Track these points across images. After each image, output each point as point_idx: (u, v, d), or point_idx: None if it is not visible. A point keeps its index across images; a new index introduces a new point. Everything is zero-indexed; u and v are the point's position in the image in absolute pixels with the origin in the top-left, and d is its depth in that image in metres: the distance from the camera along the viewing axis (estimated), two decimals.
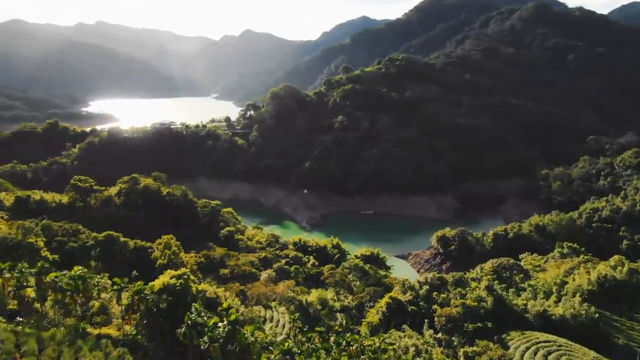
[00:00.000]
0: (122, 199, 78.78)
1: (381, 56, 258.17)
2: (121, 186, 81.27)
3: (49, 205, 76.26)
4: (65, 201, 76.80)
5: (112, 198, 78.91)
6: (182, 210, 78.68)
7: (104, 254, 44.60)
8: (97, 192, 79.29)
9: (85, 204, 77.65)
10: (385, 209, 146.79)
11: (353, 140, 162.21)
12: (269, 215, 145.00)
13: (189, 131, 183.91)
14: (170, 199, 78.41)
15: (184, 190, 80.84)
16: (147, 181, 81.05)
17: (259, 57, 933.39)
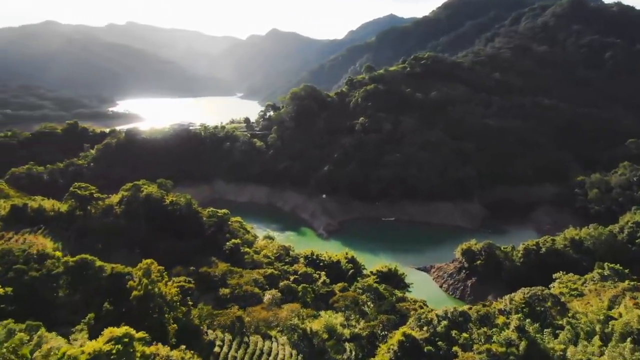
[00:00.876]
0: (123, 208, 74.27)
1: (407, 55, 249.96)
2: (123, 194, 76.93)
3: (47, 214, 72.34)
4: (64, 210, 72.72)
5: (112, 207, 74.51)
6: (185, 220, 73.75)
7: (76, 280, 39.45)
8: (98, 200, 75.03)
9: (86, 212, 73.41)
10: (407, 215, 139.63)
11: (374, 143, 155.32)
12: (285, 221, 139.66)
13: (207, 132, 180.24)
14: (172, 208, 73.45)
15: (187, 199, 75.84)
16: (150, 189, 76.43)
17: (285, 57, 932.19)
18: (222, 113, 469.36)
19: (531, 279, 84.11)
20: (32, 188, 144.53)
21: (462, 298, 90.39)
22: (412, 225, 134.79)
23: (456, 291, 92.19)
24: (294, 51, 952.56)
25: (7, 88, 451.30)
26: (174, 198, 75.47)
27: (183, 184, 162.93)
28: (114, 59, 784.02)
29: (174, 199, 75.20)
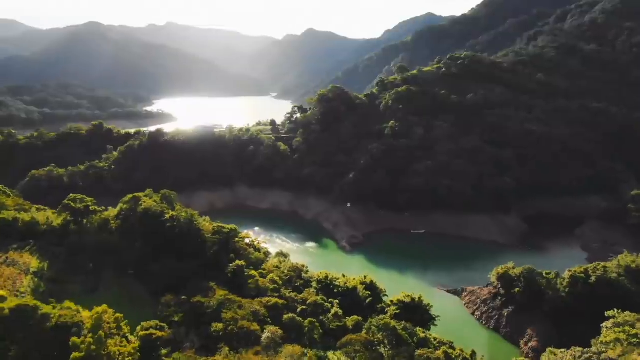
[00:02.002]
0: (119, 224, 68.00)
1: (444, 54, 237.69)
2: (122, 206, 70.69)
3: (39, 229, 66.90)
4: (57, 224, 67.07)
5: (109, 221, 68.36)
6: (185, 238, 66.73)
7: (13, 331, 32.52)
8: (94, 213, 69.05)
9: (81, 227, 67.55)
10: (438, 228, 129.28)
11: (404, 149, 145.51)
12: (306, 231, 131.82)
13: (231, 135, 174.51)
14: (171, 224, 66.58)
15: (188, 215, 68.86)
16: (149, 202, 69.94)
17: (320, 56, 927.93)
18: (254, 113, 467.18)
19: (578, 313, 73.68)
20: (51, 191, 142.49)
21: (496, 329, 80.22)
22: (443, 239, 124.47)
23: (490, 321, 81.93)
24: (329, 51, 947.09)
25: (47, 87, 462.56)
26: (174, 213, 68.55)
27: (204, 188, 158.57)
28: (152, 59, 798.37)
29: (174, 214, 68.27)
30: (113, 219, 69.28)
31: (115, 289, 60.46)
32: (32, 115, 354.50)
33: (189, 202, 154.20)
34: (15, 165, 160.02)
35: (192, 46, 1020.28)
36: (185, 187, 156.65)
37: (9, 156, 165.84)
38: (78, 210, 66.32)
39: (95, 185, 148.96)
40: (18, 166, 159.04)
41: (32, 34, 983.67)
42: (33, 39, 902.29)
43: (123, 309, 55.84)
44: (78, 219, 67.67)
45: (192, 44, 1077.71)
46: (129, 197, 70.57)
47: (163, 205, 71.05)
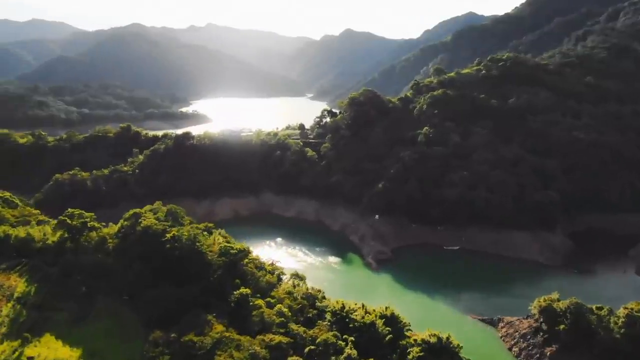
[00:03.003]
0: (117, 243, 62.59)
1: (485, 55, 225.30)
2: (123, 223, 65.33)
3: (34, 245, 62.44)
4: (52, 241, 62.30)
5: (106, 240, 63.07)
6: (186, 261, 60.59)
7: None
8: (93, 230, 63.97)
9: (78, 245, 62.57)
10: (474, 245, 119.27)
11: (439, 157, 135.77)
12: (331, 244, 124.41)
13: (258, 139, 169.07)
14: (170, 246, 60.58)
15: (191, 235, 62.69)
16: (150, 220, 64.24)
17: (358, 57, 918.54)
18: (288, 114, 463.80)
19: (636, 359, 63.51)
20: (74, 195, 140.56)
21: None
22: (479, 258, 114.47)
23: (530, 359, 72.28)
24: (367, 51, 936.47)
25: (89, 87, 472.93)
26: (176, 232, 62.52)
27: (228, 194, 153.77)
28: (192, 60, 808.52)
29: (176, 233, 62.24)
30: (112, 237, 63.92)
31: (106, 318, 54.91)
32: (71, 116, 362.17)
33: (212, 209, 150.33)
34: (43, 168, 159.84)
35: (230, 47, 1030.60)
36: (209, 193, 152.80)
37: (38, 158, 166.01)
38: (74, 227, 61.16)
39: (118, 190, 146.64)
40: (46, 168, 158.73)
41: (78, 36, 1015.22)
42: (79, 40, 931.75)
43: (110, 343, 50.14)
44: (75, 237, 62.46)
45: (231, 44, 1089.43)
46: (130, 213, 65.24)
47: (166, 223, 65.13)
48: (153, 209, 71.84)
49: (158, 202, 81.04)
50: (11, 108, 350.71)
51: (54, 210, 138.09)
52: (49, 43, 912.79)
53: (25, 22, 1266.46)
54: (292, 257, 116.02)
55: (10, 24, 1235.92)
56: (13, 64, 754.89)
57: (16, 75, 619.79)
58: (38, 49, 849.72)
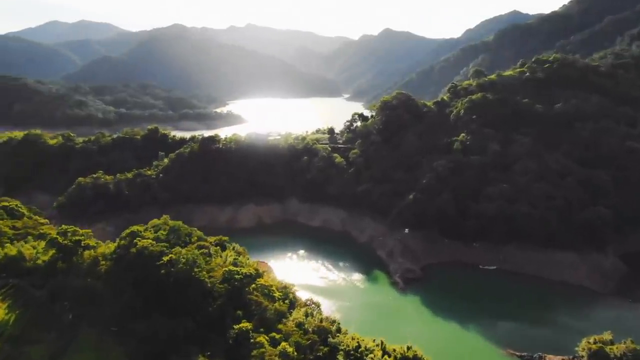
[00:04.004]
0: (109, 266, 57.05)
1: (529, 56, 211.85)
2: (120, 242, 59.81)
3: (24, 265, 57.73)
4: (42, 261, 57.38)
5: (99, 261, 57.68)
6: (182, 289, 54.36)
7: None
8: (87, 249, 58.75)
9: (71, 265, 57.48)
10: (513, 265, 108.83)
11: (476, 167, 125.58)
12: (357, 258, 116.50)
13: (286, 144, 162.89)
14: (165, 271, 54.48)
15: (190, 259, 56.39)
16: (146, 241, 58.34)
17: (396, 57, 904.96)
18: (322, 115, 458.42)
19: None
20: (96, 200, 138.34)
21: None
22: (519, 280, 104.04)
23: None
24: (405, 51, 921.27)
25: (128, 87, 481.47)
26: (174, 255, 56.42)
27: (253, 200, 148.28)
28: (230, 60, 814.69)
29: (174, 256, 56.13)
30: (106, 258, 58.44)
31: (88, 352, 49.28)
32: (108, 115, 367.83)
33: (235, 216, 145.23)
34: (71, 170, 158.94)
35: (269, 47, 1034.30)
36: (233, 198, 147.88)
37: (66, 160, 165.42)
38: (65, 246, 56.00)
39: (141, 195, 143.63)
40: (72, 171, 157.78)
41: (122, 36, 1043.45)
42: (123, 40, 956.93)
43: None
44: (67, 257, 57.35)
45: (269, 44, 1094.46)
46: (128, 231, 59.51)
47: (164, 244, 59.07)
48: (156, 225, 66.36)
49: (165, 217, 75.79)
50: (52, 107, 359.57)
51: (75, 214, 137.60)
52: (94, 44, 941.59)
53: (74, 24, 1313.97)
54: (313, 272, 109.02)
55: (60, 26, 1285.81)
56: (60, 64, 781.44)
57: (62, 75, 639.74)
58: (84, 50, 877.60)
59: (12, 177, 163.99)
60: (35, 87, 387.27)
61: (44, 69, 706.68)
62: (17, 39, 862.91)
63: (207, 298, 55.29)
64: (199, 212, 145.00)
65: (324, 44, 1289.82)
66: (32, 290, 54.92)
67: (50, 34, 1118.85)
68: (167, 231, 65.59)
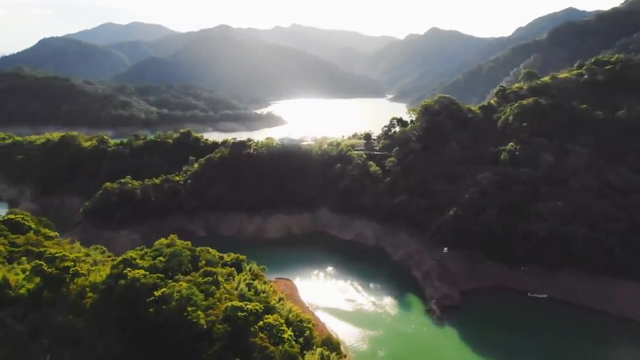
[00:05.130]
0: (96, 299, 50.48)
1: (587, 56, 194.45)
2: (111, 271, 53.26)
3: (8, 294, 52.08)
4: (26, 291, 51.55)
5: (86, 293, 51.27)
6: (172, 332, 46.98)
7: None
8: (77, 277, 52.52)
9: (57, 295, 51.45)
10: (567, 294, 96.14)
11: (526, 181, 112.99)
12: (389, 278, 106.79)
13: (319, 150, 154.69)
14: (154, 310, 47.27)
15: (184, 296, 48.89)
16: (138, 272, 51.40)
17: (442, 57, 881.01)
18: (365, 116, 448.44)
19: None
20: (122, 206, 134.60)
21: None
22: (574, 312, 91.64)
23: None
24: (452, 51, 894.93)
25: (171, 88, 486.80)
26: (167, 290, 49.22)
27: (282, 209, 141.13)
28: (274, 60, 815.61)
29: (166, 291, 48.93)
30: (95, 289, 51.97)
31: None
32: (150, 116, 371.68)
33: (264, 225, 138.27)
34: (101, 173, 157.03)
35: (313, 47, 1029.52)
36: (261, 207, 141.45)
37: (98, 163, 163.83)
38: (50, 275, 49.90)
39: (168, 201, 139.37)
40: (103, 174, 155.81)
41: (170, 37, 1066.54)
42: (170, 41, 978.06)
43: None
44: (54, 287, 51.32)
45: (314, 45, 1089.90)
46: (122, 257, 52.91)
47: (158, 276, 51.91)
48: (157, 249, 59.65)
49: (173, 236, 68.97)
50: (98, 108, 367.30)
51: (101, 220, 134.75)
52: (143, 45, 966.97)
53: (126, 25, 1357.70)
54: (340, 293, 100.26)
55: (113, 27, 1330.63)
56: (111, 64, 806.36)
57: (112, 76, 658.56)
58: (134, 50, 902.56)
59: (48, 179, 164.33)
60: (82, 87, 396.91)
61: (96, 69, 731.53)
62: (72, 40, 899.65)
63: (202, 341, 47.74)
64: (226, 221, 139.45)
65: (369, 43, 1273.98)
66: (13, 323, 49.23)
67: (104, 36, 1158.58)
68: (168, 257, 58.57)
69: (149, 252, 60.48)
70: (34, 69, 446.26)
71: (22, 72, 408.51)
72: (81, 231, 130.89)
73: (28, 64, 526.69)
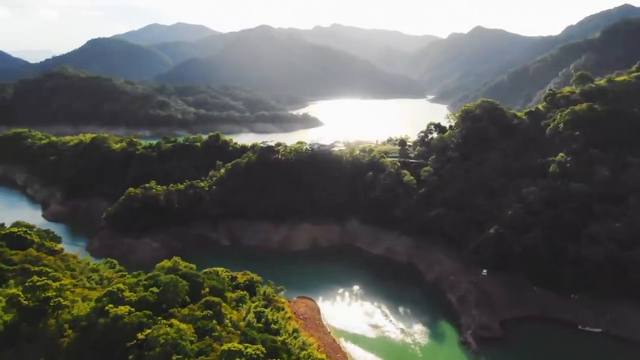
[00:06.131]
0: (73, 339, 44.34)
1: None
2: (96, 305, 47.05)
3: None
4: (2, 323, 46.13)
5: (63, 330, 45.30)
6: None
7: None
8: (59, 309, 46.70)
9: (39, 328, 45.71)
10: (624, 329, 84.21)
11: (578, 198, 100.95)
12: (421, 302, 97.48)
13: (350, 156, 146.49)
14: (135, 356, 40.61)
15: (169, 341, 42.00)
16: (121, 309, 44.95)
17: (486, 56, 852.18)
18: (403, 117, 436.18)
19: None
20: (145, 212, 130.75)
21: None
22: (633, 349, 79.90)
23: None
24: (497, 50, 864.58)
25: (210, 88, 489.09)
26: (152, 331, 42.57)
27: (309, 219, 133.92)
28: (313, 60, 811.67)
29: (152, 333, 42.27)
30: (75, 325, 45.91)
31: None
32: (187, 116, 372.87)
33: (290, 236, 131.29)
34: (128, 176, 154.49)
35: (354, 47, 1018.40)
36: (288, 216, 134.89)
37: (126, 166, 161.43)
38: (27, 308, 44.19)
39: (191, 208, 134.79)
40: (130, 177, 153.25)
41: (212, 38, 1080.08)
42: (212, 42, 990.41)
43: None
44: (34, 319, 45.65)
45: (354, 45, 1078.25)
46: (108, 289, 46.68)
47: (145, 313, 45.26)
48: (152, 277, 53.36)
49: (176, 258, 62.69)
50: (137, 108, 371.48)
51: (123, 227, 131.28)
52: (186, 45, 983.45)
53: (171, 26, 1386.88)
54: (366, 318, 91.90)
55: (158, 28, 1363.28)
56: (154, 65, 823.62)
57: (154, 76, 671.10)
58: (176, 51, 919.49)
59: (77, 182, 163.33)
60: (123, 87, 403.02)
61: (140, 69, 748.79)
62: (119, 41, 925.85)
63: None
64: (251, 230, 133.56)
65: (410, 43, 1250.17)
66: None
67: (150, 36, 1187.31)
68: (162, 287, 52.06)
69: (143, 279, 54.31)
70: (77, 69, 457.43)
71: (67, 72, 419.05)
72: (103, 237, 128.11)
73: (76, 64, 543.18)
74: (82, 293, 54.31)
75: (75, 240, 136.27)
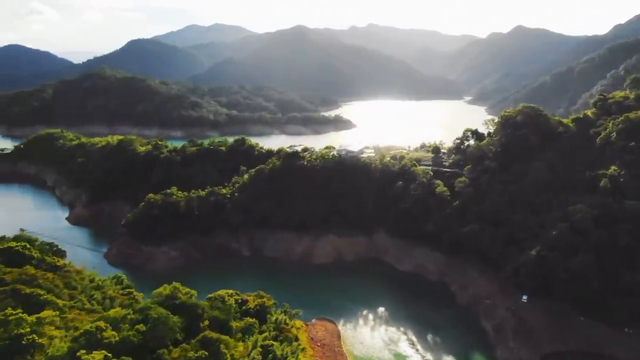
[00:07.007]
0: None
1: None
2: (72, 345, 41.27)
3: None
4: None
5: None
6: None
7: None
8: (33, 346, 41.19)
9: None
10: None
11: (633, 218, 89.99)
12: (453, 329, 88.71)
13: (380, 163, 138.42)
14: None
15: None
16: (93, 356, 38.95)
17: (527, 57, 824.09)
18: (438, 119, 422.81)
19: None
20: (164, 219, 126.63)
21: None
22: None
23: None
24: (539, 50, 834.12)
25: (243, 89, 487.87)
26: None
27: (333, 230, 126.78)
28: (349, 61, 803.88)
29: None
30: None
31: None
32: (219, 117, 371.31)
33: (313, 248, 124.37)
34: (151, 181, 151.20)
35: (390, 47, 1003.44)
36: (312, 226, 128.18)
37: (150, 169, 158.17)
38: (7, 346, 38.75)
39: (212, 215, 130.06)
40: (153, 181, 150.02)
41: (248, 39, 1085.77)
42: (247, 42, 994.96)
43: None
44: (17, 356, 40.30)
45: (391, 45, 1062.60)
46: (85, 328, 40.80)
47: None
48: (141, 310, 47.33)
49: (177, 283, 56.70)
50: (170, 108, 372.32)
51: (142, 234, 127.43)
52: (221, 46, 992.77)
53: (208, 27, 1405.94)
54: (391, 345, 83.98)
55: (196, 29, 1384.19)
56: (191, 65, 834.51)
57: (189, 76, 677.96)
58: (212, 51, 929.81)
59: (101, 184, 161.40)
60: (157, 88, 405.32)
61: (176, 70, 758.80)
62: (156, 42, 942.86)
63: None
64: (272, 240, 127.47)
65: (448, 43, 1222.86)
66: None
67: (188, 37, 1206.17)
68: (150, 325, 45.93)
69: (130, 314, 48.54)
70: (114, 69, 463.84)
71: (104, 73, 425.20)
72: (121, 245, 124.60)
73: (116, 65, 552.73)
74: (71, 321, 48.92)
75: (97, 246, 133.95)
